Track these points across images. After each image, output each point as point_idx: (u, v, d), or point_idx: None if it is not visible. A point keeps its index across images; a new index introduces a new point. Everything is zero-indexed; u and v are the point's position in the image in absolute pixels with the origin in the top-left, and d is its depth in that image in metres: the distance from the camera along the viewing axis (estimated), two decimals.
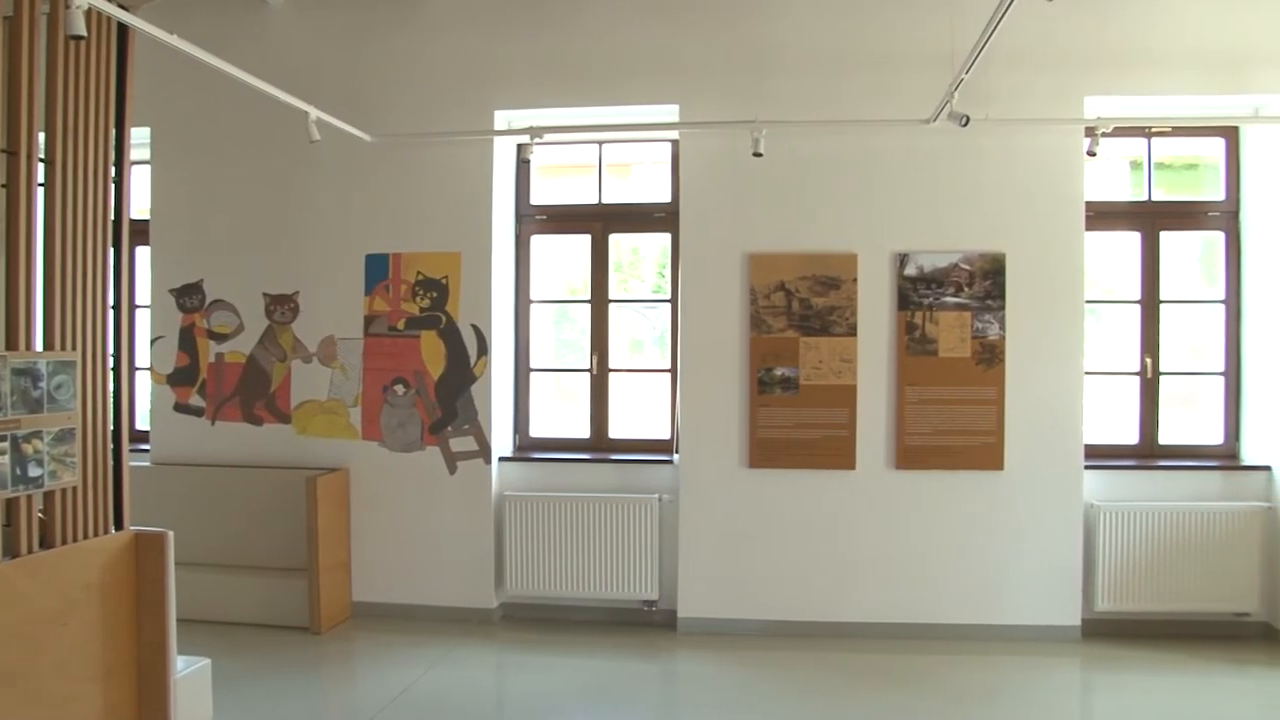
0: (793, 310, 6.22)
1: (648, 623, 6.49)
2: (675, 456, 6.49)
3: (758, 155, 5.68)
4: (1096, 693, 5.58)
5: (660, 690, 5.71)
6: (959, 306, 6.15)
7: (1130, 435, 6.48)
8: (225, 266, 6.78)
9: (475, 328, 6.52)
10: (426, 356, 6.56)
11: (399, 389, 6.58)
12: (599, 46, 6.42)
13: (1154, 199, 6.49)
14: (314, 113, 5.51)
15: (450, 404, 6.54)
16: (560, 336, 7.14)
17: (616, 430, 6.84)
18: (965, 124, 5.21)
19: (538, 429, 6.93)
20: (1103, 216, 6.39)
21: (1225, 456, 6.40)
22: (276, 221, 6.72)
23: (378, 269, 6.62)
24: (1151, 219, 6.46)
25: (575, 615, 6.59)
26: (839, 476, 6.24)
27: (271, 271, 6.73)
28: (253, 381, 6.76)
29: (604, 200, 6.86)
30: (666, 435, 6.70)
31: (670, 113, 6.37)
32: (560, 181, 7.22)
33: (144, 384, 6.88)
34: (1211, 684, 5.42)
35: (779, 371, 6.23)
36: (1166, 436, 6.46)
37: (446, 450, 6.56)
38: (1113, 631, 6.16)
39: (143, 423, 6.99)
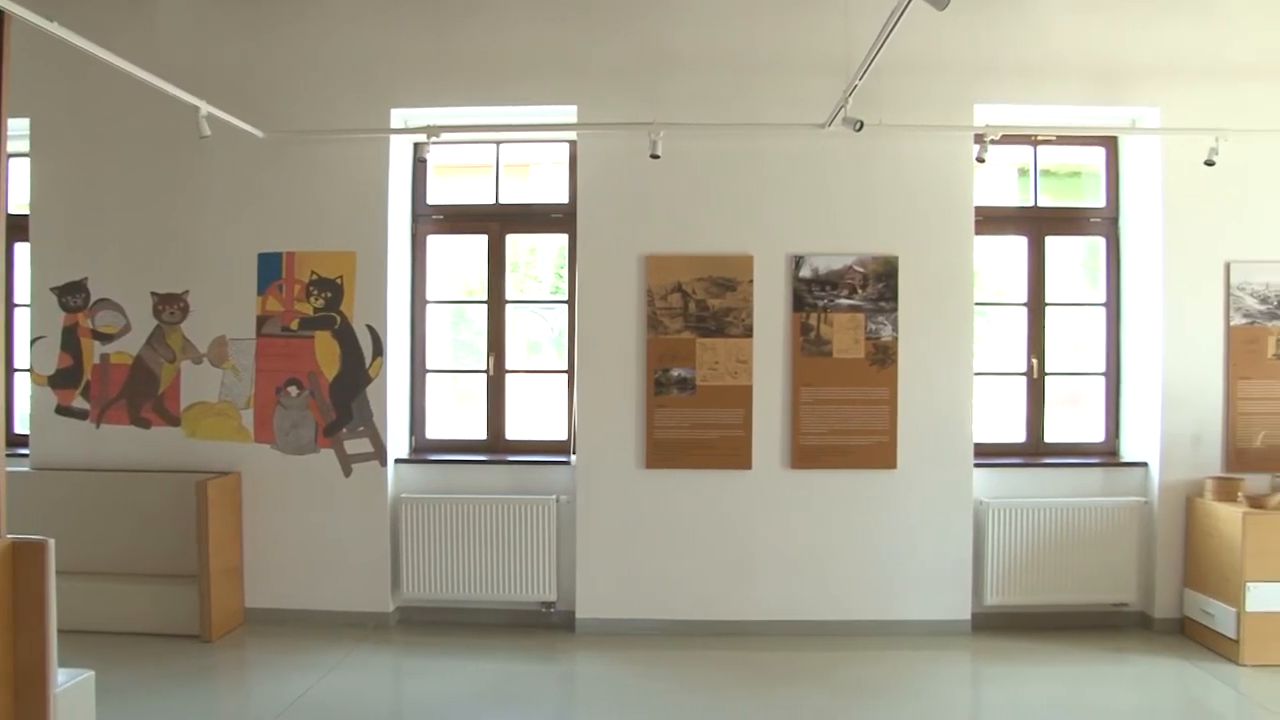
0: (689, 311, 6.27)
1: (546, 624, 6.48)
2: (572, 457, 6.48)
3: (655, 157, 5.72)
4: (984, 684, 5.72)
5: (559, 691, 5.68)
6: (853, 308, 6.26)
7: (1017, 434, 6.67)
8: (111, 264, 6.57)
9: (370, 328, 6.43)
10: (321, 357, 6.45)
11: (292, 390, 6.46)
12: (497, 46, 6.38)
13: (1040, 205, 6.70)
14: (204, 107, 5.40)
15: (345, 405, 6.44)
16: (457, 337, 7.08)
17: (513, 431, 6.81)
18: (859, 129, 5.32)
19: (434, 430, 6.87)
20: (991, 221, 6.57)
21: (1106, 454, 6.64)
22: (165, 218, 6.53)
23: (271, 268, 6.48)
24: (1037, 224, 6.66)
25: (473, 618, 6.54)
26: (735, 476, 6.30)
27: (160, 270, 6.55)
28: (140, 383, 6.57)
29: (501, 200, 6.82)
30: (564, 436, 6.70)
31: (568, 113, 6.37)
32: (457, 181, 7.14)
33: (23, 386, 6.66)
34: (1093, 671, 5.62)
35: (676, 372, 6.27)
36: (1051, 435, 6.67)
37: (341, 452, 6.46)
38: (1001, 624, 6.34)
39: (22, 426, 6.77)
